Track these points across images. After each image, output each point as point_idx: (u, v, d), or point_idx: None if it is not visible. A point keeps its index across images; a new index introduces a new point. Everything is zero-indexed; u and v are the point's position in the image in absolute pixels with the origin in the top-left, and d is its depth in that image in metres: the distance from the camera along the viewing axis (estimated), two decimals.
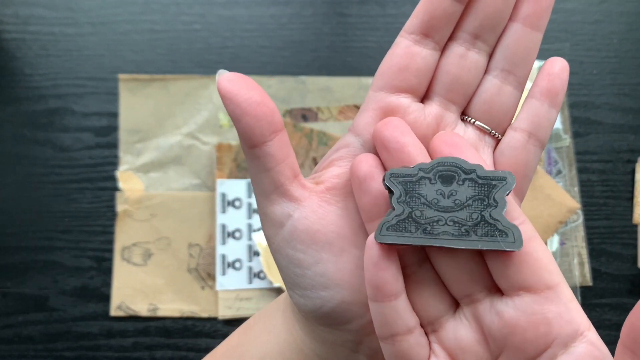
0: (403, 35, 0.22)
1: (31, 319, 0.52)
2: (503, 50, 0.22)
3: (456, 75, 0.22)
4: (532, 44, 0.22)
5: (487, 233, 0.19)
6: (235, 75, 0.21)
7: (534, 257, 0.19)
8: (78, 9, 0.58)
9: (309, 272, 0.22)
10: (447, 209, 0.19)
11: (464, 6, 0.21)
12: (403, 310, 0.20)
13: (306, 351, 0.25)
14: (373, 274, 0.19)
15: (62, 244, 0.53)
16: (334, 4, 0.59)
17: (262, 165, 0.21)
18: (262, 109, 0.20)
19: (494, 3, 0.21)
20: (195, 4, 0.59)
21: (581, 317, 0.19)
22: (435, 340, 0.21)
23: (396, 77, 0.21)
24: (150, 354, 0.51)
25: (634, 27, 0.59)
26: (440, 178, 0.19)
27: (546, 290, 0.19)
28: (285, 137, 0.22)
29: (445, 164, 0.19)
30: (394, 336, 0.20)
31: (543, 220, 0.53)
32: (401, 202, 0.19)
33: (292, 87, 0.57)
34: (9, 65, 0.57)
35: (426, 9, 0.21)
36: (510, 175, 0.19)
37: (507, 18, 0.22)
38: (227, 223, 0.53)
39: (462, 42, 0.22)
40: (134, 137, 0.55)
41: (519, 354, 0.19)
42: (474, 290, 0.20)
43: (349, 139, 0.23)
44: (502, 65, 0.22)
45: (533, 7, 0.21)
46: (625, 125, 0.57)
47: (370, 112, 0.22)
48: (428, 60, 0.22)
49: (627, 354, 0.15)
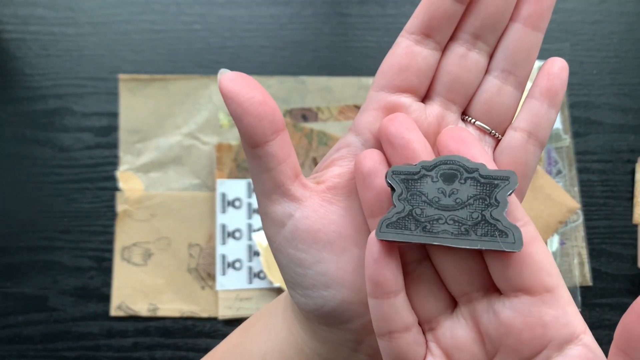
0: (404, 35, 0.22)
1: (31, 319, 0.52)
2: (504, 50, 0.22)
3: (457, 76, 0.22)
4: (532, 44, 0.22)
5: (487, 233, 0.19)
6: (237, 74, 0.21)
7: (534, 259, 0.19)
8: (78, 9, 0.58)
9: (311, 271, 0.22)
10: (448, 207, 0.19)
11: (464, 6, 0.21)
12: (401, 308, 0.20)
13: (307, 350, 0.25)
14: (373, 271, 0.19)
15: (62, 244, 0.53)
16: (334, 4, 0.59)
17: (263, 165, 0.21)
18: (264, 109, 0.20)
19: (494, 3, 0.21)
20: (195, 4, 0.59)
21: (578, 320, 0.19)
22: (432, 338, 0.21)
23: (397, 77, 0.22)
24: (150, 354, 0.51)
25: (634, 27, 0.59)
26: (442, 176, 0.19)
27: (545, 292, 0.19)
28: (287, 136, 0.22)
29: (448, 162, 0.19)
30: (392, 333, 0.20)
31: (543, 220, 0.53)
32: (402, 199, 0.19)
33: (292, 87, 0.57)
34: (9, 65, 0.57)
35: (427, 9, 0.21)
36: (513, 175, 0.19)
37: (508, 18, 0.22)
38: (227, 223, 0.53)
39: (462, 42, 0.22)
40: (134, 137, 0.55)
41: (514, 354, 0.19)
42: (472, 289, 0.20)
43: (350, 138, 0.23)
44: (502, 65, 0.22)
45: (534, 8, 0.21)
46: (625, 125, 0.57)
47: (371, 112, 0.22)
48: (429, 60, 0.22)
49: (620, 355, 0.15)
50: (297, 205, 0.22)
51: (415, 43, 0.21)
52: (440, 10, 0.21)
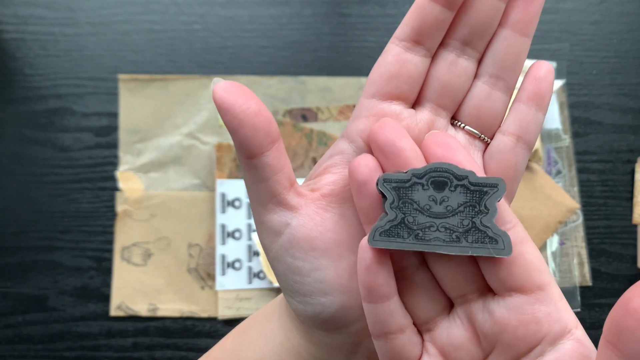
0: (394, 42, 0.22)
1: (31, 319, 0.52)
2: (492, 56, 0.22)
3: (447, 82, 0.22)
4: (521, 49, 0.22)
5: (478, 240, 0.19)
6: (230, 84, 0.20)
7: (525, 260, 0.19)
8: (78, 9, 0.58)
9: (308, 279, 0.22)
10: (439, 215, 0.20)
11: (454, 13, 0.21)
12: (395, 311, 0.20)
13: (304, 355, 0.25)
14: (366, 277, 0.20)
15: (62, 244, 0.53)
16: (334, 4, 0.59)
17: (259, 175, 0.21)
18: (259, 120, 0.20)
19: (484, 10, 0.21)
20: (195, 4, 0.59)
21: (569, 315, 0.19)
22: (429, 338, 0.21)
23: (388, 85, 0.22)
24: (150, 354, 0.51)
25: (634, 27, 0.59)
26: (432, 184, 0.20)
27: (537, 290, 0.19)
28: (282, 145, 0.22)
29: (438, 169, 0.19)
30: (387, 334, 0.21)
31: (543, 220, 0.53)
32: (394, 207, 0.20)
33: (292, 87, 0.57)
34: (9, 65, 0.57)
35: (417, 17, 0.21)
36: (502, 182, 0.19)
37: (497, 24, 0.22)
38: (227, 223, 0.53)
39: (452, 49, 0.22)
40: (134, 137, 0.55)
41: (510, 350, 0.19)
42: (468, 291, 0.21)
43: (343, 145, 0.23)
44: (491, 70, 0.22)
45: (522, 13, 0.22)
46: (625, 125, 0.57)
47: (363, 120, 0.22)
48: (419, 67, 0.22)
49: (609, 347, 0.16)
50: (293, 213, 0.22)
51: (406, 50, 0.22)
52: (430, 18, 0.21)
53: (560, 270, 0.53)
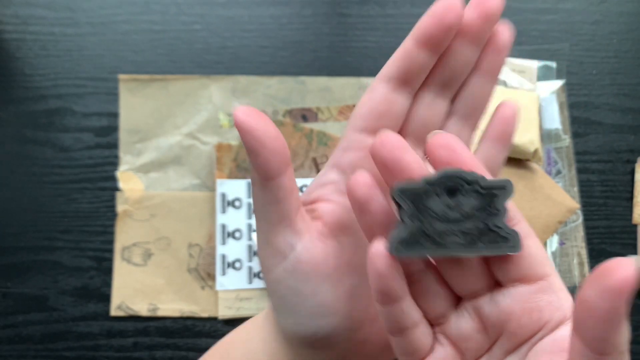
0: (382, 81, 0.23)
1: (31, 319, 0.52)
2: (465, 99, 0.24)
3: (426, 120, 0.24)
4: (489, 92, 0.24)
5: (492, 240, 0.20)
6: (250, 109, 0.22)
7: (530, 253, 0.21)
8: (78, 9, 0.58)
9: (308, 302, 0.23)
10: (455, 220, 0.21)
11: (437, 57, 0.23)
12: (408, 308, 0.21)
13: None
14: (380, 283, 0.21)
15: (62, 244, 0.53)
16: (334, 4, 0.59)
17: (273, 197, 0.22)
18: (278, 143, 0.22)
19: (463, 56, 0.23)
20: (195, 4, 0.59)
21: (569, 304, 0.21)
22: (440, 331, 0.22)
23: (377, 122, 0.23)
24: (150, 354, 0.51)
25: (634, 27, 0.59)
26: (446, 191, 0.20)
27: (539, 280, 0.20)
28: (292, 170, 0.23)
29: (450, 176, 0.20)
30: (402, 330, 0.22)
31: (542, 220, 0.53)
32: (411, 216, 0.21)
33: (292, 87, 0.57)
34: (9, 65, 0.57)
35: (404, 60, 0.23)
36: (509, 183, 0.20)
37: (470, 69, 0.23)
38: (227, 223, 0.53)
39: (432, 89, 0.24)
40: (134, 137, 0.56)
41: (514, 338, 0.21)
42: (477, 288, 0.22)
43: (334, 176, 0.24)
44: (463, 111, 0.24)
45: (494, 60, 0.23)
46: (625, 126, 0.57)
47: (355, 152, 0.24)
48: (404, 105, 0.24)
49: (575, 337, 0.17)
50: (298, 237, 0.23)
51: (392, 91, 0.23)
52: (416, 62, 0.22)
53: (560, 270, 0.53)
